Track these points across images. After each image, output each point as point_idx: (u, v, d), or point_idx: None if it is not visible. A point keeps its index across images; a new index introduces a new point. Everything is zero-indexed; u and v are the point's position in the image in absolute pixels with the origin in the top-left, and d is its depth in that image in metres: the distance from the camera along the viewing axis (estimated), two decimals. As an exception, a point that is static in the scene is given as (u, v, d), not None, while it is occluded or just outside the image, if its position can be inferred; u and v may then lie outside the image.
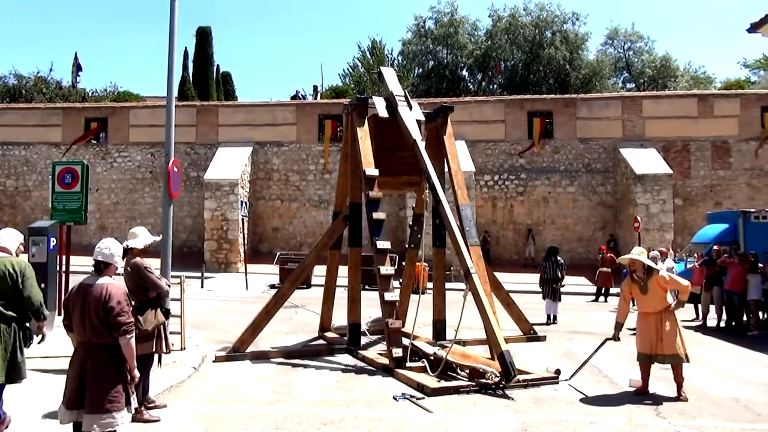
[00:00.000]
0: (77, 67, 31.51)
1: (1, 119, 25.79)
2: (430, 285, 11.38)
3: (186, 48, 34.47)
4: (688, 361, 6.72)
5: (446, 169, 9.67)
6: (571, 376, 7.41)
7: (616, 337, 7.26)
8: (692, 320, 13.16)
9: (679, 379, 6.68)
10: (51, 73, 32.81)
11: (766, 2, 52.62)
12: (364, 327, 9.56)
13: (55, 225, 9.51)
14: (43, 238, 8.99)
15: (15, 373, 4.82)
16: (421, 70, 36.72)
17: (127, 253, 5.57)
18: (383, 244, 8.35)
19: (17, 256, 5.05)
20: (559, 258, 13.08)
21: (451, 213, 8.59)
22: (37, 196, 24.95)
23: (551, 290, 12.67)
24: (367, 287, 12.66)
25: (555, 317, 12.59)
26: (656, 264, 12.16)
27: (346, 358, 8.56)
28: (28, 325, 4.99)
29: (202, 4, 77.82)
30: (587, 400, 6.58)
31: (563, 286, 13.24)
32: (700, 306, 13.14)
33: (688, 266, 15.66)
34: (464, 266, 8.07)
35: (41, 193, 24.44)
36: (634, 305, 7.70)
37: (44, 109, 26.21)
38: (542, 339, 10.10)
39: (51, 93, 31.06)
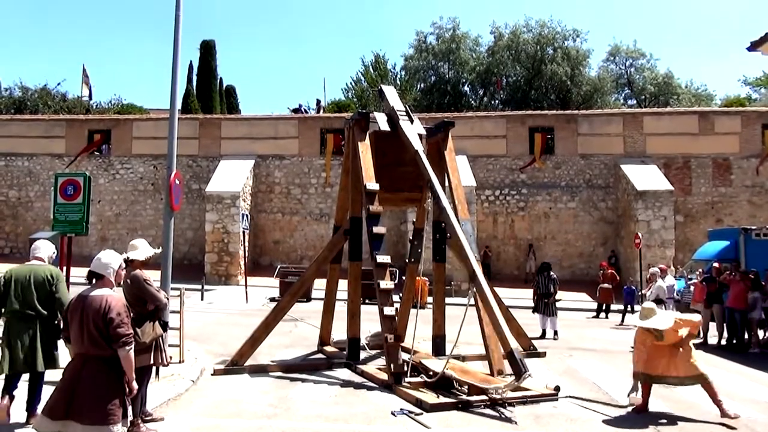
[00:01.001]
0: (86, 81, 31.67)
1: (6, 130, 25.94)
2: (430, 300, 11.36)
3: (191, 61, 34.75)
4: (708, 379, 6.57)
5: (447, 184, 9.69)
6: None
7: (635, 388, 6.89)
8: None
9: (716, 398, 6.49)
10: (58, 86, 33.06)
11: (766, 21, 53.01)
12: (363, 341, 9.53)
13: (57, 236, 9.51)
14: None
15: (37, 362, 5.44)
16: (423, 85, 36.97)
17: (128, 264, 5.58)
18: (383, 259, 8.35)
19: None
20: (552, 273, 13.14)
21: (455, 218, 8.59)
22: (39, 207, 25.01)
23: (543, 305, 12.73)
24: (367, 301, 12.65)
25: (555, 332, 12.58)
26: (657, 280, 12.24)
27: (345, 373, 8.52)
28: (57, 323, 5.59)
29: (206, 18, 78.58)
30: (587, 418, 6.54)
31: (558, 300, 13.25)
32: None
33: (689, 283, 15.65)
34: (469, 268, 8.05)
35: (43, 204, 24.52)
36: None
37: (48, 121, 26.38)
38: (542, 355, 10.05)
39: (56, 105, 31.26)
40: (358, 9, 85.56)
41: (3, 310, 5.54)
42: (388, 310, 7.97)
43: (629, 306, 15.70)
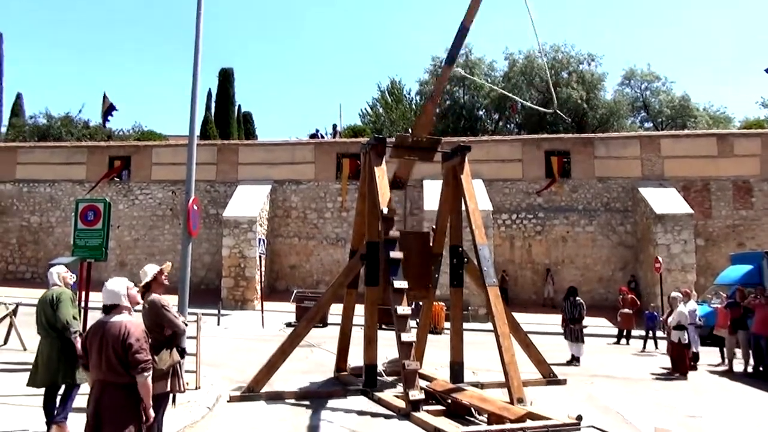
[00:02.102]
0: (110, 107, 32.26)
1: (29, 157, 26.47)
2: (447, 325, 11.24)
3: (209, 89, 35.42)
4: None
5: (464, 208, 9.66)
6: None
7: None
8: (718, 365, 12.79)
9: None
10: (80, 114, 33.80)
11: (784, 43, 52.66)
12: (380, 368, 9.42)
13: (76, 261, 9.60)
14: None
15: (56, 376, 5.88)
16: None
17: (147, 290, 5.59)
18: (400, 284, 8.30)
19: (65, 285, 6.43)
20: (577, 298, 13.00)
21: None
22: (60, 233, 25.36)
23: (569, 330, 12.64)
24: (383, 327, 12.55)
25: (578, 359, 12.40)
26: (678, 305, 11.99)
27: (361, 401, 8.41)
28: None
29: (225, 46, 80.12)
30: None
31: (585, 327, 13.08)
32: (725, 350, 12.76)
33: (712, 307, 15.34)
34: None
35: (64, 230, 24.86)
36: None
37: (70, 148, 26.89)
38: (563, 383, 9.84)
39: (78, 132, 31.90)
40: (374, 35, 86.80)
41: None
42: (406, 337, 7.89)
43: (651, 332, 15.40)
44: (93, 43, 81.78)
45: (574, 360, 12.45)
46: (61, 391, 6.09)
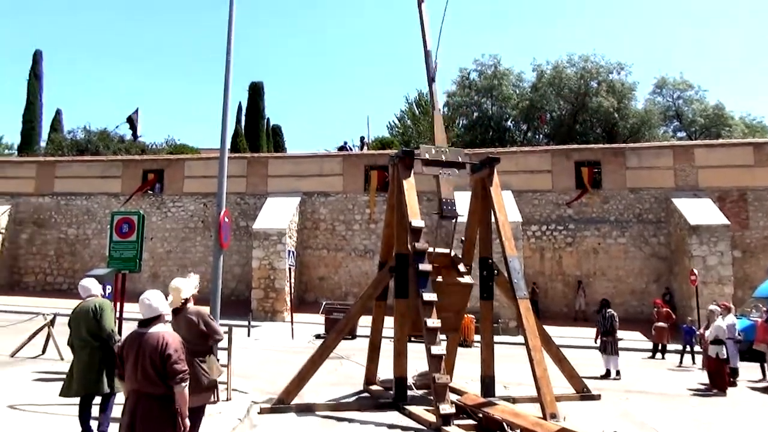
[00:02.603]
0: (132, 121, 33.13)
1: (67, 171, 27.23)
2: (476, 338, 11.14)
3: (239, 102, 36.06)
4: None
5: (493, 220, 9.59)
6: None
7: None
8: (758, 381, 12.38)
9: None
10: (116, 129, 34.78)
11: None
12: (410, 381, 9.37)
13: (112, 273, 9.80)
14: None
15: (96, 385, 6.01)
16: (465, 121, 37.08)
17: (185, 303, 5.67)
18: (429, 296, 8.26)
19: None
20: (609, 310, 12.87)
21: None
22: (96, 245, 25.96)
23: (603, 343, 12.50)
24: (413, 339, 12.50)
25: (617, 372, 12.25)
26: (716, 319, 11.66)
27: (391, 414, 8.37)
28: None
29: (255, 60, 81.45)
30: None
31: (620, 339, 12.89)
32: (765, 365, 12.36)
33: (752, 321, 14.90)
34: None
35: (99, 242, 25.44)
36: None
37: (105, 162, 27.59)
38: (597, 398, 9.65)
39: (114, 146, 32.77)
40: (401, 47, 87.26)
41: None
42: (436, 350, 7.84)
43: (688, 346, 15.01)
44: (129, 59, 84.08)
45: (611, 374, 12.25)
46: (97, 401, 6.17)
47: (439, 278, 8.99)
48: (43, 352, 12.17)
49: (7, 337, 12.81)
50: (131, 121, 27.69)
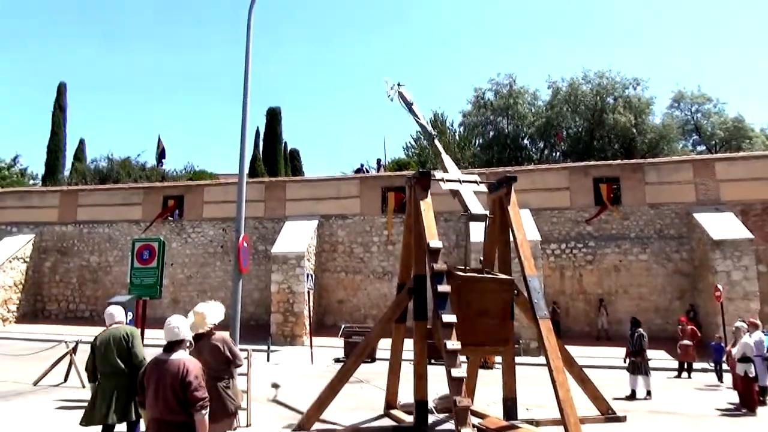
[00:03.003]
0: (162, 151, 33.88)
1: (90, 199, 27.72)
2: (498, 359, 11.00)
3: (257, 127, 36.63)
4: None
5: (512, 239, 9.52)
6: None
7: None
8: (790, 400, 12.00)
9: None
10: (138, 157, 35.51)
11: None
12: (431, 404, 9.25)
13: (133, 299, 9.91)
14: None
15: (122, 414, 6.04)
16: (481, 140, 37.12)
17: (210, 330, 5.71)
18: (449, 318, 8.18)
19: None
20: (639, 330, 12.69)
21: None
22: (117, 271, 26.27)
23: (632, 363, 12.32)
24: (433, 361, 12.38)
25: (648, 392, 12.07)
26: (743, 336, 11.38)
27: (412, 438, 8.26)
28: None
29: (272, 85, 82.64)
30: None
31: (650, 359, 12.67)
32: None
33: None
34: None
35: (121, 269, 25.74)
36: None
37: (127, 189, 28.05)
38: (622, 420, 9.42)
39: (135, 174, 33.37)
40: (416, 68, 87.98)
41: (95, 371, 6.28)
42: (456, 372, 7.74)
43: (718, 364, 14.66)
44: (149, 88, 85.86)
45: (637, 395, 12.02)
46: (121, 427, 6.20)
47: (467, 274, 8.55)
48: (65, 380, 12.28)
49: (30, 365, 12.96)
50: (159, 150, 28.33)
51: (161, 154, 28.09)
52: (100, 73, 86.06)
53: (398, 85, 11.23)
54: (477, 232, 20.72)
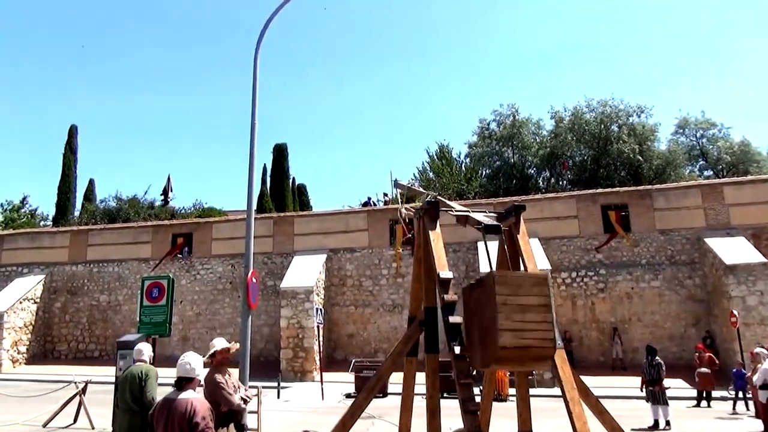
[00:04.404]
0: (165, 190, 34.28)
1: (99, 239, 27.90)
2: (512, 391, 10.81)
3: (264, 164, 36.94)
4: None
5: (522, 269, 9.44)
6: None
7: None
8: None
9: None
10: (145, 195, 35.83)
11: None
12: (445, 439, 9.05)
13: (142, 338, 9.85)
14: (130, 351, 9.31)
15: None
16: (488, 171, 37.22)
17: (209, 363, 5.67)
18: (461, 350, 8.06)
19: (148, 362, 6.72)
20: (656, 358, 12.50)
21: None
22: (127, 310, 26.25)
23: (650, 393, 12.08)
24: (446, 395, 12.18)
25: (668, 423, 11.79)
26: (763, 362, 11.14)
27: (427, 475, 8.06)
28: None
29: (278, 122, 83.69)
30: None
31: (668, 388, 12.42)
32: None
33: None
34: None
35: (130, 307, 25.73)
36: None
37: (136, 228, 28.22)
38: (642, 451, 9.19)
39: (144, 213, 33.62)
40: (420, 100, 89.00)
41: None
42: (470, 406, 7.59)
43: (741, 392, 14.33)
44: (157, 128, 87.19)
45: (660, 424, 11.76)
46: None
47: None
48: (75, 421, 12.15)
49: (40, 406, 12.85)
50: (165, 192, 28.64)
51: (165, 192, 28.37)
52: (109, 113, 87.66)
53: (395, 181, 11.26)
54: (486, 262, 20.64)
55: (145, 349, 6.76)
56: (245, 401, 6.31)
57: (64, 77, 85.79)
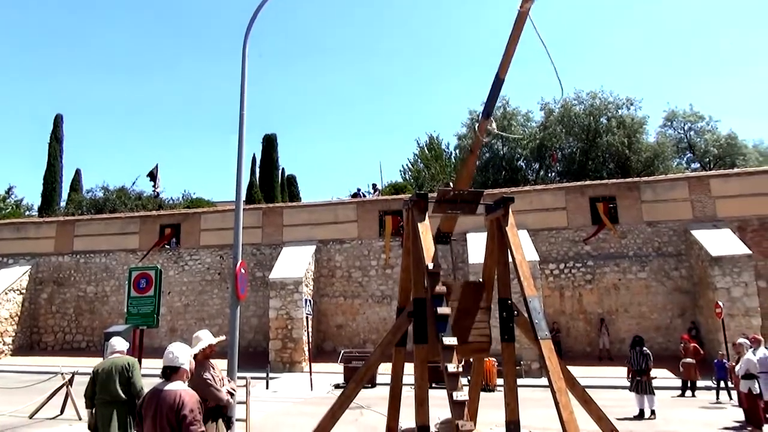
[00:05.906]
0: (152, 173, 33.87)
1: (86, 230, 27.65)
2: (499, 381, 10.88)
3: (254, 154, 36.75)
4: None
5: (510, 260, 9.48)
6: None
7: None
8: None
9: None
10: (133, 186, 35.51)
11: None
12: (432, 429, 9.10)
13: (129, 329, 9.81)
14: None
15: None
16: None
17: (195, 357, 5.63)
18: (450, 341, 8.09)
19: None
20: (644, 348, 12.57)
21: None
22: (114, 301, 26.10)
23: (637, 383, 12.17)
24: (434, 385, 12.24)
25: (653, 411, 11.90)
26: (746, 352, 11.30)
27: (415, 464, 8.11)
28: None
29: (268, 112, 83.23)
30: None
31: (654, 378, 12.54)
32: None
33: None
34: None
35: (117, 298, 25.59)
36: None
37: (124, 219, 27.99)
38: (627, 440, 9.30)
39: (131, 203, 33.36)
40: (410, 92, 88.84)
41: (94, 398, 6.44)
42: (458, 396, 7.63)
43: (723, 382, 14.53)
44: (145, 116, 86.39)
45: (645, 414, 11.89)
46: None
47: None
48: (62, 412, 12.09)
49: (26, 398, 12.77)
50: (152, 176, 28.27)
51: (152, 176, 28.04)
52: (96, 102, 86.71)
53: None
54: (475, 253, 20.71)
55: (118, 342, 6.86)
56: (231, 394, 6.31)
57: (49, 64, 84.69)
